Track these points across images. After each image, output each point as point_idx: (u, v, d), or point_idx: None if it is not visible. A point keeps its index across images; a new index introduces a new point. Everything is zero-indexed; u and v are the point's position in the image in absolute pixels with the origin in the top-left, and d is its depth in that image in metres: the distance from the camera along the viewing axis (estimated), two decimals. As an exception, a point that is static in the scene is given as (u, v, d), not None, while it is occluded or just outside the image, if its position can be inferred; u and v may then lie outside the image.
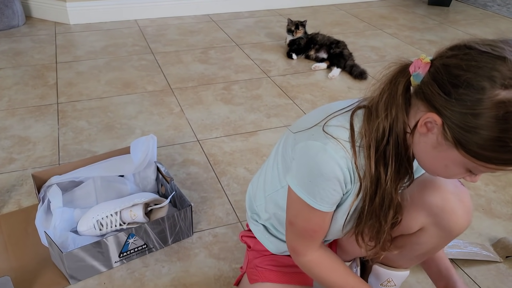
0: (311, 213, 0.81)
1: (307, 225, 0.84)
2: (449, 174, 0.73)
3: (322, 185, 0.76)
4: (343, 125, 0.76)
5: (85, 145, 1.78)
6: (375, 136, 0.74)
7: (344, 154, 0.74)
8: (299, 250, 0.90)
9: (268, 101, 2.17)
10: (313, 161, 0.75)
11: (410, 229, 0.90)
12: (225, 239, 1.37)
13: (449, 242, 0.93)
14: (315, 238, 0.87)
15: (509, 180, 1.68)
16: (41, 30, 2.92)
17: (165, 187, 1.46)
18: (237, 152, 1.77)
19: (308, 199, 0.79)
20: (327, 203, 0.79)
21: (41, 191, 1.43)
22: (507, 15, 3.59)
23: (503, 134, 0.61)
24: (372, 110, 0.75)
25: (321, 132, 0.76)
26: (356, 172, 0.75)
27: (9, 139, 1.79)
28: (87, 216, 1.31)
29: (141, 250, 1.29)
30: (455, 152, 0.67)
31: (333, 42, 2.62)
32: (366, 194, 0.78)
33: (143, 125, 1.93)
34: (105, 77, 2.34)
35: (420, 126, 0.70)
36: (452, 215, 0.85)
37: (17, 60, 2.48)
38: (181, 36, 2.94)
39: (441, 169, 0.72)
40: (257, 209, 1.01)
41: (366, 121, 0.75)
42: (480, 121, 0.62)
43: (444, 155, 0.69)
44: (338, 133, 0.75)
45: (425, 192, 0.85)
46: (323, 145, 0.74)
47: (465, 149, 0.65)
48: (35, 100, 2.08)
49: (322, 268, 0.91)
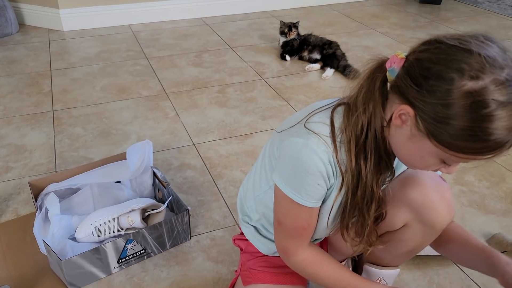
0: (298, 210, 0.83)
1: (295, 223, 0.86)
2: (425, 166, 0.74)
3: (306, 180, 0.78)
4: (324, 121, 0.78)
5: (81, 152, 1.78)
6: (355, 131, 0.76)
7: (326, 148, 0.76)
8: (289, 250, 0.91)
9: (263, 103, 2.18)
10: (297, 157, 0.78)
11: (393, 225, 0.92)
12: (222, 242, 1.38)
13: (434, 238, 0.94)
14: (304, 236, 0.89)
15: (502, 176, 1.70)
16: (35, 37, 2.93)
17: (162, 192, 1.47)
18: (233, 155, 1.78)
19: (294, 195, 0.81)
20: (313, 198, 0.81)
21: (39, 199, 1.43)
22: (498, 11, 3.61)
23: (472, 123, 0.63)
24: (351, 105, 0.78)
25: (303, 128, 0.79)
26: (338, 166, 0.77)
27: (5, 148, 1.80)
28: (85, 223, 1.32)
29: (139, 255, 1.30)
30: (428, 143, 0.69)
31: (326, 43, 2.64)
32: (348, 188, 0.79)
33: (138, 130, 1.93)
34: (100, 83, 2.34)
35: (394, 118, 0.72)
36: (432, 210, 0.86)
37: (11, 68, 2.48)
38: (175, 40, 2.95)
39: (417, 161, 0.74)
40: (248, 210, 1.03)
41: (346, 116, 0.78)
42: (450, 112, 0.64)
43: (419, 146, 0.71)
44: (319, 129, 0.77)
45: (405, 188, 0.87)
46: (306, 141, 0.77)
47: (437, 139, 0.67)
48: (30, 108, 2.09)
49: (315, 266, 0.92)
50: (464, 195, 1.60)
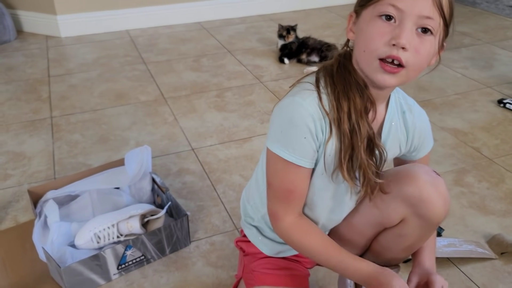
0: (285, 169, 0.84)
1: (283, 184, 0.86)
2: (379, 36, 0.75)
3: (292, 133, 0.80)
4: (307, 81, 0.85)
5: (80, 158, 1.78)
6: (329, 71, 0.84)
7: (312, 98, 0.80)
8: (277, 214, 0.90)
9: (262, 107, 2.18)
10: (284, 112, 0.81)
11: (391, 221, 0.93)
12: (222, 247, 1.38)
13: (432, 232, 0.95)
14: (292, 200, 0.88)
15: (502, 177, 1.70)
16: (33, 44, 2.93)
17: (161, 197, 1.47)
18: (232, 159, 1.78)
19: (281, 151, 0.82)
20: (299, 154, 0.82)
21: (38, 206, 1.43)
22: (496, 12, 3.61)
23: None
24: (327, 65, 0.87)
25: (290, 91, 0.85)
26: (324, 110, 0.80)
27: (3, 155, 1.80)
28: (84, 229, 1.32)
29: (139, 261, 1.30)
30: (363, 14, 0.78)
31: (324, 45, 2.64)
32: (336, 129, 0.82)
33: (137, 136, 1.93)
34: (98, 89, 2.34)
35: (347, 33, 0.83)
36: (429, 203, 0.87)
37: (9, 75, 2.49)
38: (173, 44, 2.95)
39: (370, 38, 0.77)
40: (251, 211, 1.03)
41: (323, 69, 0.86)
42: None
43: (361, 27, 0.79)
44: (304, 85, 0.83)
45: (401, 183, 0.88)
46: (292, 97, 0.81)
47: (366, 1, 0.77)
48: (28, 115, 2.09)
49: (301, 234, 0.91)
50: (464, 196, 1.59)
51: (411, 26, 0.73)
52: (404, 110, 0.92)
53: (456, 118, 2.10)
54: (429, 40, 0.75)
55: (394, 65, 0.75)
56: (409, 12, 0.72)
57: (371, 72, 0.78)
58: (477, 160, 1.80)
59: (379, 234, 0.99)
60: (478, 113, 2.15)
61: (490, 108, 2.20)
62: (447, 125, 2.04)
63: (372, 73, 0.78)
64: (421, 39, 0.74)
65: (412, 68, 0.76)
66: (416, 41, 0.74)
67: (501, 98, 2.23)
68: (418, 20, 0.73)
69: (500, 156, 1.82)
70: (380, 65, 0.75)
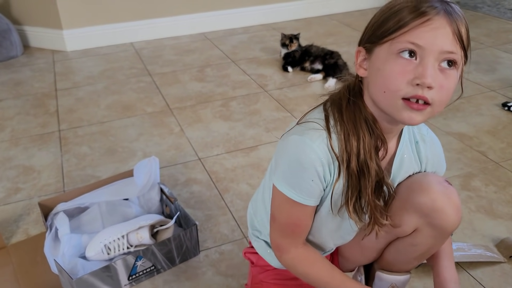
0: (291, 207, 0.84)
1: (288, 220, 0.87)
2: (400, 73, 0.72)
3: (300, 175, 0.80)
4: (316, 116, 0.83)
5: (88, 170, 1.80)
6: (338, 107, 0.82)
7: (321, 140, 0.79)
8: (282, 247, 0.91)
9: (267, 115, 2.20)
10: (292, 152, 0.80)
11: (404, 231, 0.93)
12: (231, 256, 1.38)
13: (444, 241, 0.95)
14: (297, 234, 0.89)
15: (509, 180, 1.70)
16: (40, 58, 2.97)
17: (169, 207, 1.48)
18: (239, 168, 1.79)
19: (288, 191, 0.82)
20: (306, 195, 0.82)
21: (48, 219, 1.45)
22: (498, 15, 3.63)
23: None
24: (334, 97, 0.85)
25: (298, 126, 0.83)
26: (333, 152, 0.79)
27: (13, 169, 1.82)
28: (94, 241, 1.33)
29: (149, 271, 1.31)
30: (378, 51, 0.75)
31: (327, 53, 2.66)
32: (345, 170, 0.80)
33: (144, 147, 1.95)
34: (104, 101, 2.37)
35: (357, 70, 0.80)
36: (442, 213, 0.87)
37: (17, 90, 2.52)
38: (177, 56, 2.98)
39: (389, 76, 0.73)
40: (258, 225, 1.04)
41: (332, 104, 0.84)
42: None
43: (378, 64, 0.75)
44: (313, 124, 0.81)
45: (413, 194, 0.88)
46: (301, 137, 0.79)
47: (376, 38, 0.75)
48: (37, 129, 2.11)
49: (306, 265, 0.92)
50: (471, 200, 1.60)
51: (433, 62, 0.70)
52: (417, 140, 0.91)
53: (461, 122, 2.11)
54: (452, 74, 0.72)
55: (420, 103, 0.72)
56: (430, 48, 0.69)
57: (396, 112, 0.74)
58: (484, 164, 1.80)
59: (390, 243, 0.99)
60: (482, 117, 2.16)
61: (495, 111, 2.21)
62: (452, 129, 2.05)
63: (397, 112, 0.74)
64: (444, 74, 0.71)
65: (438, 104, 0.73)
66: (440, 78, 0.71)
67: (505, 102, 2.24)
68: (439, 55, 0.70)
69: (507, 159, 1.83)
70: (405, 103, 0.72)
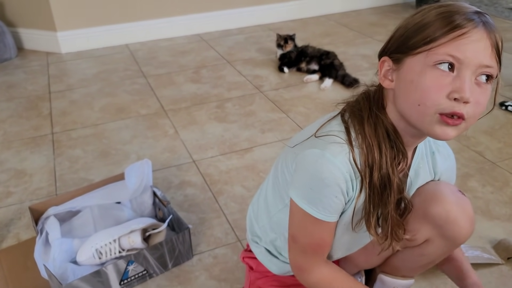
0: (314, 225, 0.81)
1: (311, 239, 0.84)
2: (436, 87, 0.69)
3: (323, 192, 0.77)
4: (335, 128, 0.79)
5: (81, 173, 1.78)
6: (360, 121, 0.78)
7: (343, 155, 0.75)
8: (304, 267, 0.88)
9: (262, 117, 2.18)
10: (313, 168, 0.76)
11: (416, 241, 0.91)
12: (225, 260, 1.36)
13: (453, 250, 0.95)
14: (320, 253, 0.87)
15: (506, 180, 1.68)
16: (33, 61, 2.95)
17: (162, 211, 1.46)
18: (233, 170, 1.77)
19: (310, 208, 0.79)
20: (329, 212, 0.79)
21: (39, 223, 1.43)
22: (495, 14, 3.61)
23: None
24: (354, 107, 0.81)
25: (317, 139, 0.78)
26: (356, 166, 0.76)
27: (5, 173, 1.80)
28: (86, 245, 1.31)
29: (141, 276, 1.29)
30: (410, 61, 0.72)
31: (323, 53, 2.64)
32: (367, 185, 0.77)
33: (138, 149, 1.93)
34: (98, 103, 2.35)
35: (382, 80, 0.77)
36: (455, 225, 0.85)
37: (10, 92, 2.50)
38: (172, 57, 2.96)
39: (423, 90, 0.70)
40: (259, 231, 1.01)
41: (351, 114, 0.80)
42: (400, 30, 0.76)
43: (411, 75, 0.72)
44: (334, 137, 0.77)
45: (427, 204, 0.86)
46: (322, 151, 0.75)
47: (408, 49, 0.72)
48: (30, 132, 2.09)
49: (329, 284, 0.89)
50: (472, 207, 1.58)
51: (470, 76, 0.68)
52: (433, 151, 0.89)
53: (458, 122, 2.09)
54: (488, 89, 0.71)
55: (455, 118, 0.70)
56: (469, 62, 0.67)
57: (428, 126, 0.71)
58: (481, 164, 1.78)
59: (398, 251, 0.97)
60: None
61: (492, 111, 2.18)
62: (449, 129, 2.03)
63: (430, 127, 0.71)
64: (481, 89, 0.69)
65: (472, 119, 0.71)
66: (477, 92, 0.69)
67: (503, 101, 2.22)
68: (477, 69, 0.68)
69: (504, 159, 1.81)
70: (441, 118, 0.69)
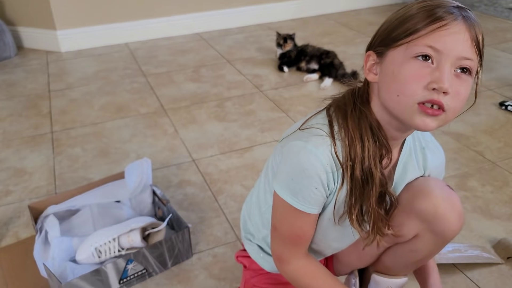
0: (294, 216, 0.82)
1: (291, 230, 0.85)
2: (415, 78, 0.70)
3: (303, 183, 0.77)
4: (319, 122, 0.80)
5: (81, 172, 1.78)
6: (343, 114, 0.79)
7: (325, 147, 0.76)
8: (283, 257, 0.89)
9: (262, 116, 2.18)
10: (295, 159, 0.77)
11: (404, 237, 0.91)
12: (224, 259, 1.36)
13: (444, 246, 0.93)
14: (299, 245, 0.87)
15: (505, 180, 1.68)
16: (33, 60, 2.94)
17: (162, 210, 1.46)
18: (233, 170, 1.77)
19: (290, 199, 0.80)
20: (309, 203, 0.80)
21: (38, 222, 1.42)
22: (495, 14, 3.61)
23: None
24: (339, 101, 0.82)
25: (301, 132, 0.80)
26: (337, 159, 0.77)
27: (5, 171, 1.79)
28: (85, 244, 1.31)
29: (141, 275, 1.29)
30: (391, 54, 0.73)
31: (323, 52, 2.64)
32: (349, 178, 0.78)
33: (137, 148, 1.93)
34: (98, 102, 2.35)
35: (367, 75, 0.77)
36: (444, 220, 0.85)
37: (10, 91, 2.49)
38: (172, 56, 2.96)
39: (402, 81, 0.71)
40: (252, 228, 1.01)
41: (336, 108, 0.81)
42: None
43: (392, 68, 0.73)
44: (317, 130, 0.78)
45: (415, 199, 0.86)
46: (304, 143, 0.77)
47: (390, 42, 0.73)
48: (29, 130, 2.09)
49: (309, 277, 0.90)
50: (467, 200, 1.58)
51: (449, 67, 0.69)
52: (423, 146, 0.89)
53: (458, 121, 2.09)
54: (468, 81, 0.71)
55: (435, 108, 0.70)
56: (448, 54, 0.68)
57: (409, 117, 0.72)
58: (480, 163, 1.78)
59: (389, 248, 0.97)
60: (480, 116, 2.14)
61: (492, 111, 2.19)
62: (449, 129, 2.03)
63: (410, 117, 0.72)
64: (460, 80, 0.70)
65: (452, 111, 0.71)
66: (456, 84, 0.70)
67: (502, 101, 2.22)
68: (456, 61, 0.69)
69: (504, 159, 1.81)
70: (420, 108, 0.70)
